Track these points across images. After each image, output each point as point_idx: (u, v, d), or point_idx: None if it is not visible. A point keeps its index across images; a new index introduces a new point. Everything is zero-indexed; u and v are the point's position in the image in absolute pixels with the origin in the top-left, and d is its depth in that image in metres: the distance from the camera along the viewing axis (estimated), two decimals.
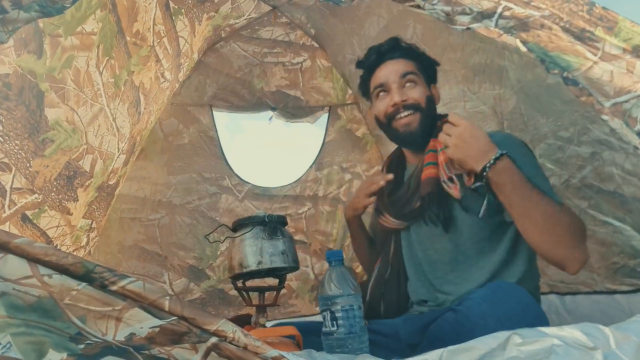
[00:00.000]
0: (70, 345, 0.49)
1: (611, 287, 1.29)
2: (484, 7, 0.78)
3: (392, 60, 1.19)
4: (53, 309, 0.48)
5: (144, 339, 0.48)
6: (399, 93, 1.14)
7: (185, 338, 0.48)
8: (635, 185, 1.13)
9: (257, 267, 1.00)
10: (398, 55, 1.20)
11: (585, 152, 1.24)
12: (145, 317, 0.48)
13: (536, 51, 0.75)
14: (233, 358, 0.48)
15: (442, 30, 1.57)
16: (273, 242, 1.02)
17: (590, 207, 1.27)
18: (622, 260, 1.24)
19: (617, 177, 1.17)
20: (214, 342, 0.48)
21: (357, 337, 0.85)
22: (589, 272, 1.34)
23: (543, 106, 1.31)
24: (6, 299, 0.48)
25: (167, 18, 1.50)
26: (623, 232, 1.20)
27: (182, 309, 0.48)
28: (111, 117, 1.40)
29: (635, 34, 0.73)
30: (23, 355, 0.47)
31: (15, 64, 1.00)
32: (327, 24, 2.04)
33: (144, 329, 0.48)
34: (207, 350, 0.48)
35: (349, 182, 2.28)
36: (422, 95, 1.15)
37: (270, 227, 1.02)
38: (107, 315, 0.48)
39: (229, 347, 0.48)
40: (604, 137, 1.17)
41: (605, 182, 1.21)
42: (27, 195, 1.16)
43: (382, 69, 1.19)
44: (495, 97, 1.48)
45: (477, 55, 1.48)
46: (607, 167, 1.19)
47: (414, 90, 1.15)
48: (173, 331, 0.48)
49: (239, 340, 0.48)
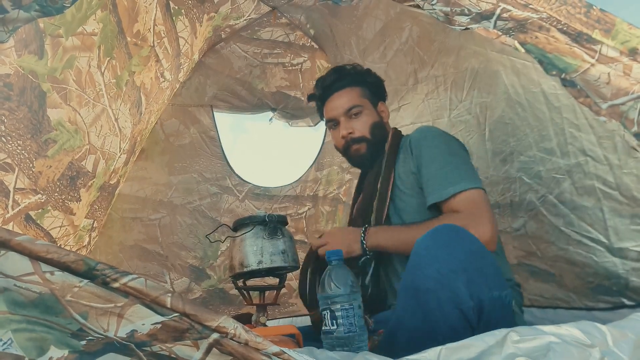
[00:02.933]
0: (72, 341, 0.48)
1: (589, 304, 1.27)
2: (482, 8, 0.79)
3: (338, 92, 1.30)
4: (54, 305, 0.48)
5: (146, 336, 0.48)
6: (346, 127, 1.28)
7: (186, 335, 0.48)
8: (615, 199, 1.10)
9: (258, 267, 1.01)
10: (343, 84, 1.31)
11: (567, 164, 1.21)
12: (147, 313, 0.48)
13: (534, 52, 0.76)
14: (235, 354, 0.48)
15: (439, 33, 1.57)
16: (273, 241, 1.02)
17: (565, 225, 1.25)
18: (597, 280, 1.22)
19: (598, 190, 1.13)
20: (215, 339, 0.48)
21: (356, 336, 0.85)
22: (565, 290, 1.32)
23: (530, 114, 1.30)
24: (7, 295, 0.48)
25: (168, 18, 1.51)
26: (596, 253, 1.18)
27: (184, 305, 0.48)
28: (113, 118, 1.41)
29: (632, 37, 0.74)
30: (24, 351, 0.47)
31: (16, 65, 1.00)
32: (326, 25, 2.04)
33: (145, 325, 0.48)
34: (209, 346, 0.48)
35: (349, 182, 2.29)
36: (367, 125, 1.28)
37: (270, 226, 1.03)
38: (109, 312, 0.48)
39: (230, 343, 0.48)
40: (589, 146, 1.14)
41: (583, 197, 1.18)
42: (30, 195, 1.16)
43: (330, 102, 1.32)
44: (482, 105, 1.47)
45: (472, 59, 1.48)
46: (588, 181, 1.16)
47: (359, 122, 1.28)
48: (175, 328, 0.48)
49: (240, 337, 0.48)
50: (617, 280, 1.14)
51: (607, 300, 1.21)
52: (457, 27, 0.81)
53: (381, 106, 1.35)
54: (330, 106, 1.31)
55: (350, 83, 1.31)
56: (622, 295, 1.14)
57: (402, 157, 1.24)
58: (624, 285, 1.13)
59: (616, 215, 1.10)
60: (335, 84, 1.31)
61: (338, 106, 1.29)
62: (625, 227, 1.09)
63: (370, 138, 1.27)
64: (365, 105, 1.29)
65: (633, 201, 1.05)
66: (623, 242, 1.10)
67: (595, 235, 1.17)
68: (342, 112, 1.28)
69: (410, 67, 1.76)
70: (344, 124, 1.28)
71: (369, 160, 1.29)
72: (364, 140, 1.27)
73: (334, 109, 1.30)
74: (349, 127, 1.27)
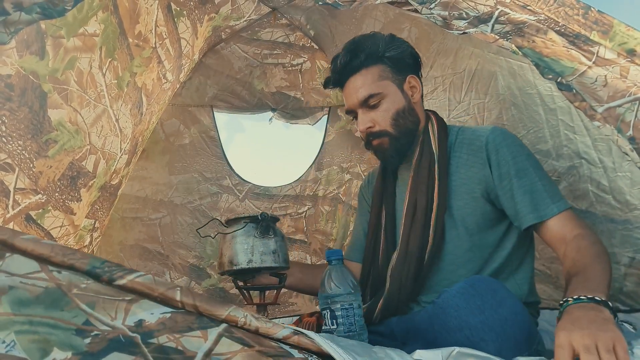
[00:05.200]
0: (76, 342, 0.48)
1: None
2: (480, 11, 0.79)
3: (354, 75, 1.11)
4: (61, 298, 0.48)
5: (155, 325, 0.48)
6: (363, 121, 1.10)
7: (195, 324, 0.48)
8: (608, 204, 1.09)
9: (248, 266, 0.98)
10: (358, 65, 1.10)
11: (561, 167, 1.20)
12: (156, 305, 0.48)
13: (531, 56, 0.76)
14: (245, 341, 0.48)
15: (437, 34, 1.58)
16: (265, 240, 0.99)
17: None
18: None
19: (591, 194, 1.12)
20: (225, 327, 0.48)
21: (356, 336, 0.86)
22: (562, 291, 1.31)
23: (526, 115, 1.29)
24: (12, 294, 0.48)
25: (170, 20, 1.51)
26: None
27: (193, 299, 0.48)
28: (114, 118, 1.41)
29: (630, 38, 0.74)
30: (27, 353, 0.47)
31: (17, 65, 1.01)
32: (326, 25, 2.05)
33: (154, 314, 0.48)
34: (218, 335, 0.48)
35: (349, 182, 2.30)
36: (388, 115, 1.09)
37: (262, 225, 1.00)
38: (117, 301, 0.48)
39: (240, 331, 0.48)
40: (584, 149, 1.13)
41: (577, 201, 1.17)
42: (30, 195, 1.17)
43: (346, 90, 1.13)
44: (479, 107, 1.48)
45: (469, 60, 1.48)
46: (582, 184, 1.15)
47: (378, 113, 1.09)
48: (184, 318, 0.48)
49: (250, 325, 0.48)
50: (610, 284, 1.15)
51: None
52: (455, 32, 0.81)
53: (410, 82, 1.13)
54: (345, 94, 1.13)
55: (367, 62, 1.09)
56: (616, 300, 1.14)
57: (466, 158, 1.07)
58: (618, 290, 1.13)
59: (608, 220, 1.10)
60: (349, 65, 1.10)
61: (352, 95, 1.10)
62: (617, 232, 1.09)
63: (393, 131, 1.09)
64: (386, 90, 1.09)
65: (626, 206, 1.05)
66: (615, 247, 1.09)
67: None
68: (357, 104, 1.10)
69: None
70: (362, 117, 1.10)
71: (395, 155, 1.11)
72: (385, 134, 1.09)
73: (349, 99, 1.12)
74: (366, 121, 1.09)
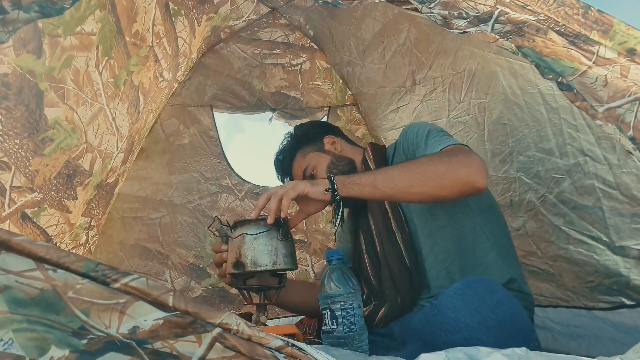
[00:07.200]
0: (73, 341, 0.48)
1: (589, 304, 1.27)
2: (480, 11, 0.79)
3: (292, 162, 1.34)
4: (56, 302, 0.48)
5: (148, 332, 0.48)
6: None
7: (189, 330, 0.48)
8: (615, 198, 1.09)
9: (272, 267, 1.00)
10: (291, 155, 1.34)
11: (566, 164, 1.20)
12: (149, 309, 0.48)
13: (531, 56, 0.76)
14: (238, 348, 0.48)
15: (437, 34, 1.57)
16: (285, 243, 1.02)
17: (566, 224, 1.25)
18: (597, 279, 1.21)
19: (598, 190, 1.12)
20: (218, 332, 0.48)
21: (356, 336, 0.86)
22: (564, 289, 1.32)
23: (528, 115, 1.29)
24: (8, 293, 0.48)
25: (167, 19, 1.51)
26: (597, 251, 1.17)
27: (186, 304, 0.48)
28: (110, 117, 1.41)
29: (630, 37, 0.74)
30: (25, 351, 0.46)
31: (14, 64, 1.00)
32: (326, 25, 2.04)
33: (147, 321, 0.48)
34: (212, 340, 0.48)
35: None
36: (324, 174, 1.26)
37: (284, 228, 1.02)
38: (111, 308, 0.48)
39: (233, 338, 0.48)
40: (588, 146, 1.13)
41: (583, 197, 1.17)
42: (26, 193, 1.16)
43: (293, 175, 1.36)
44: (480, 106, 1.47)
45: (469, 61, 1.48)
46: (587, 180, 1.15)
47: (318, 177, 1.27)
48: (177, 323, 0.48)
49: (243, 332, 0.48)
50: (618, 278, 1.14)
51: (607, 300, 1.21)
52: (455, 31, 0.80)
53: (326, 142, 1.32)
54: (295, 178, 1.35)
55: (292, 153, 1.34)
56: (622, 295, 1.15)
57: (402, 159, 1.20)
58: (625, 284, 1.13)
59: (616, 214, 1.10)
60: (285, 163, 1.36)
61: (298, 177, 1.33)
62: (626, 226, 1.09)
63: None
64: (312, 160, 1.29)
65: (633, 200, 1.06)
66: (624, 240, 1.10)
67: (596, 233, 1.17)
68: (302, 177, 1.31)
69: (408, 69, 1.76)
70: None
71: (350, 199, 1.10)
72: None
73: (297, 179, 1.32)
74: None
